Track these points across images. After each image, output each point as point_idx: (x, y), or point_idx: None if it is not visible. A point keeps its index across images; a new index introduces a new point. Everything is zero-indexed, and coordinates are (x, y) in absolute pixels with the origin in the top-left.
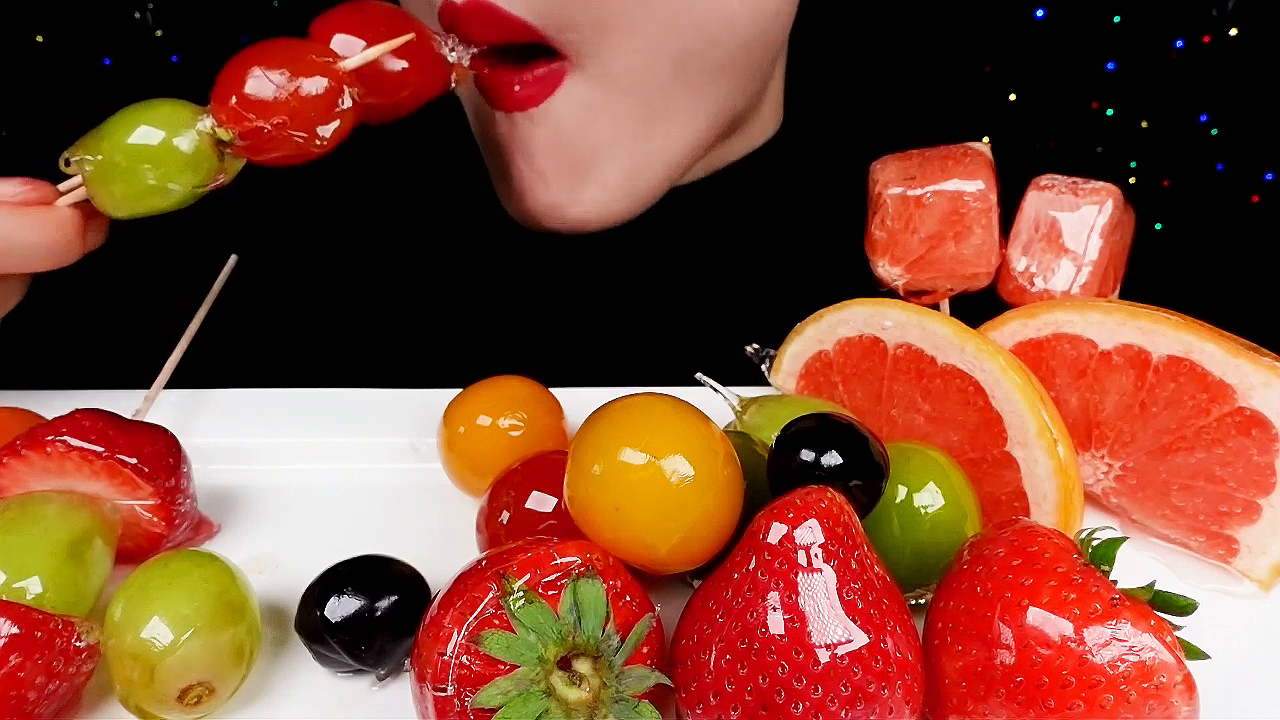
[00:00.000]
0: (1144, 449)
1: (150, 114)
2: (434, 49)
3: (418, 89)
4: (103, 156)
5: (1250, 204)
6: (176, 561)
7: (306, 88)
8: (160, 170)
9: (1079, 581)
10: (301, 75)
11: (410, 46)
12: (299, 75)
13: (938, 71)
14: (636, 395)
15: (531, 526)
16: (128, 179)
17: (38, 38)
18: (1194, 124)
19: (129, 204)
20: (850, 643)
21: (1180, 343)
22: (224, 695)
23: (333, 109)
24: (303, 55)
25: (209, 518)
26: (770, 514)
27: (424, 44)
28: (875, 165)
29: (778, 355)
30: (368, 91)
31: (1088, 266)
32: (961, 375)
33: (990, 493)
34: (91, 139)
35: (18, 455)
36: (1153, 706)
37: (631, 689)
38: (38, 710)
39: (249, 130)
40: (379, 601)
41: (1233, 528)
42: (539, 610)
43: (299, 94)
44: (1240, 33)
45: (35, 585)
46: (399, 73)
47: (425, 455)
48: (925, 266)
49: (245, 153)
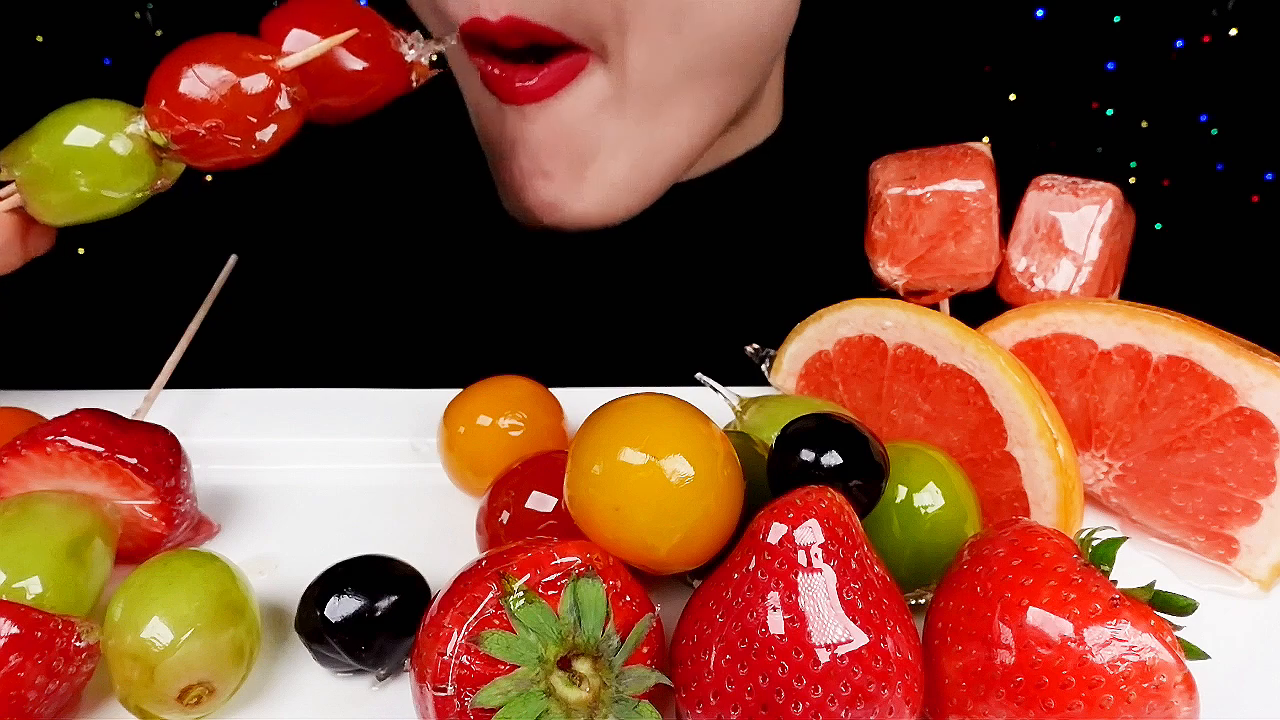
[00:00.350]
0: (1144, 449)
1: (81, 116)
2: (392, 47)
3: (376, 89)
4: (32, 162)
5: (1250, 204)
6: (176, 561)
7: (241, 88)
8: (93, 176)
9: (1079, 581)
10: (236, 75)
11: (366, 44)
12: (233, 75)
13: (938, 71)
14: (636, 395)
15: (531, 526)
16: (60, 186)
17: (38, 38)
18: (1194, 124)
19: (67, 212)
20: (850, 643)
21: (1180, 343)
22: (224, 695)
23: (269, 111)
24: (238, 53)
25: (209, 518)
26: (770, 514)
27: (381, 42)
28: (875, 165)
29: (778, 355)
30: (320, 92)
31: (1088, 266)
32: (961, 375)
33: (990, 493)
34: (23, 143)
35: (18, 455)
36: (1153, 706)
37: (631, 689)
38: (38, 710)
39: (182, 134)
40: (379, 601)
41: (1233, 528)
42: (539, 610)
43: (233, 95)
44: (1240, 33)
45: (35, 585)
46: (355, 72)
47: (425, 455)
48: (925, 266)
49: (181, 157)
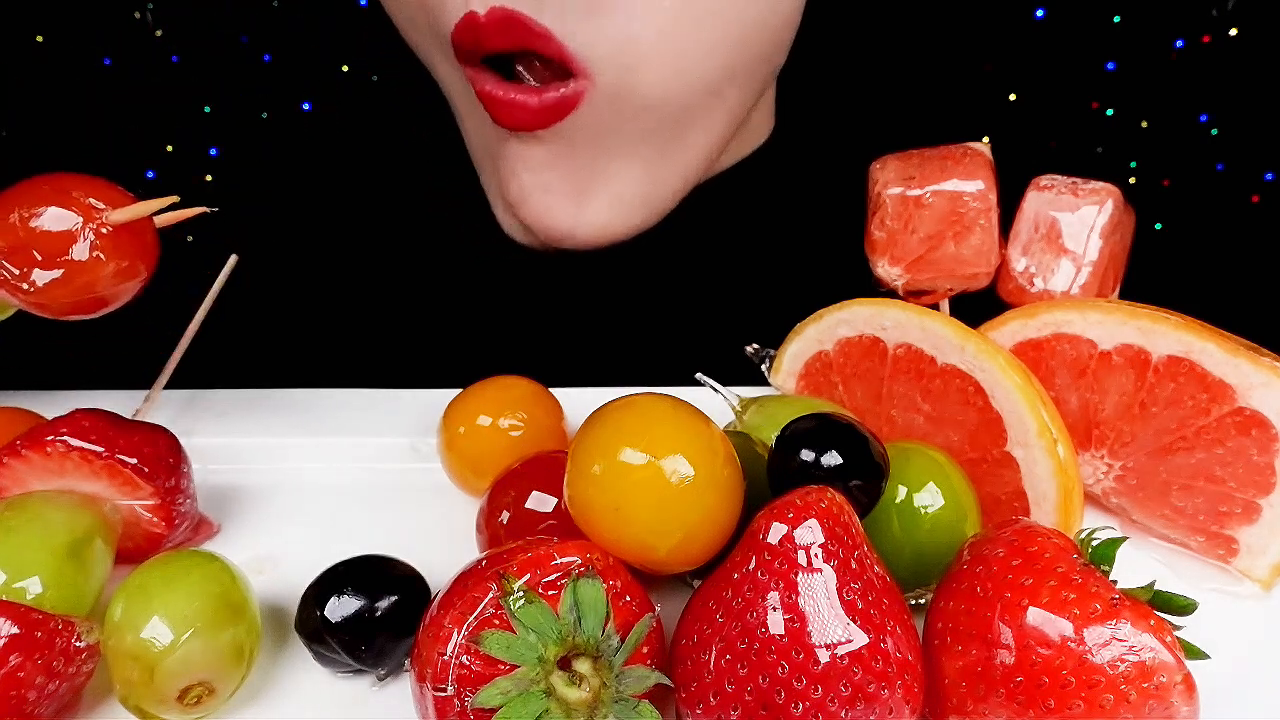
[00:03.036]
0: (1144, 449)
1: None
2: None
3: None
4: None
5: (1250, 204)
6: (176, 561)
7: (44, 217)
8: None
9: (1079, 581)
10: (49, 204)
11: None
12: (46, 204)
13: (937, 71)
14: (636, 395)
15: (531, 526)
16: None
17: (38, 38)
18: (1194, 124)
19: None
20: (850, 643)
21: (1180, 343)
22: (224, 695)
23: (60, 254)
24: (69, 189)
25: (209, 518)
26: (770, 514)
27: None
28: (875, 165)
29: (778, 355)
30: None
31: (1088, 267)
32: (961, 375)
33: (990, 493)
34: None
35: (18, 455)
36: (1153, 706)
37: (631, 689)
38: (38, 710)
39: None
40: (379, 601)
41: (1233, 528)
42: (539, 610)
43: (29, 221)
44: (1240, 33)
45: (35, 585)
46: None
47: (425, 455)
48: (925, 266)
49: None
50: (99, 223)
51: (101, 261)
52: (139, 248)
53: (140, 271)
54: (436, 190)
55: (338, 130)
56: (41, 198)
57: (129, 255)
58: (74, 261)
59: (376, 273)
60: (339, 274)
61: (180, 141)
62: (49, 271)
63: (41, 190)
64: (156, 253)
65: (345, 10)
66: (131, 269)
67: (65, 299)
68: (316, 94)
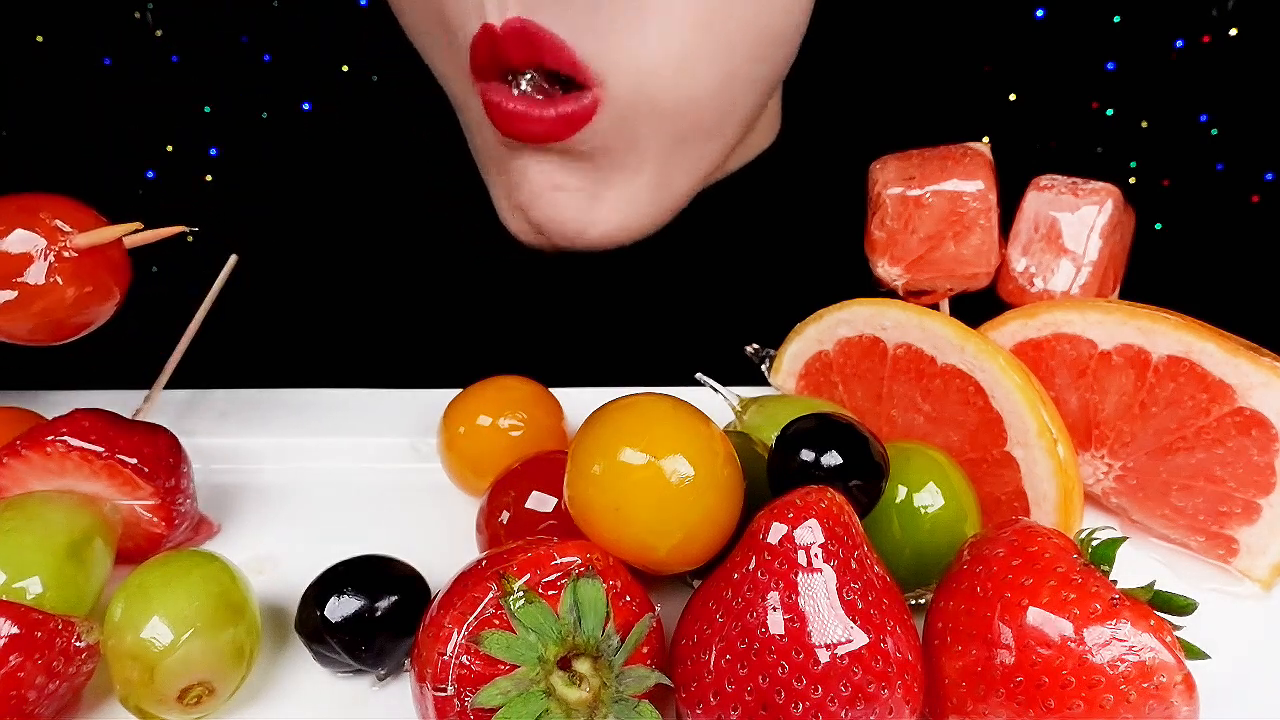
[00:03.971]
0: (1144, 449)
1: None
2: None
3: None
4: None
5: (1250, 204)
6: (176, 561)
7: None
8: None
9: (1079, 581)
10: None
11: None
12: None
13: (938, 71)
14: (636, 395)
15: (531, 526)
16: None
17: (38, 38)
18: (1194, 124)
19: None
20: (850, 643)
21: (1180, 343)
22: (224, 695)
23: (15, 275)
24: (36, 210)
25: (209, 518)
26: (770, 514)
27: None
28: (875, 165)
29: (778, 355)
30: None
31: (1087, 267)
32: (961, 375)
33: (990, 493)
34: None
35: (18, 455)
36: (1153, 706)
37: (631, 689)
38: (38, 710)
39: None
40: (379, 601)
41: (1233, 528)
42: (539, 610)
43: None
44: (1240, 33)
45: (35, 585)
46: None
47: (425, 455)
48: (925, 266)
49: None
50: (62, 246)
51: (58, 286)
52: (106, 271)
53: (113, 294)
54: (436, 190)
55: (338, 130)
56: (7, 218)
57: (93, 280)
58: (29, 285)
59: (376, 273)
60: (339, 274)
61: (180, 141)
62: (2, 293)
63: (8, 210)
64: (128, 275)
65: (345, 10)
66: (99, 293)
67: (24, 322)
68: (316, 94)
